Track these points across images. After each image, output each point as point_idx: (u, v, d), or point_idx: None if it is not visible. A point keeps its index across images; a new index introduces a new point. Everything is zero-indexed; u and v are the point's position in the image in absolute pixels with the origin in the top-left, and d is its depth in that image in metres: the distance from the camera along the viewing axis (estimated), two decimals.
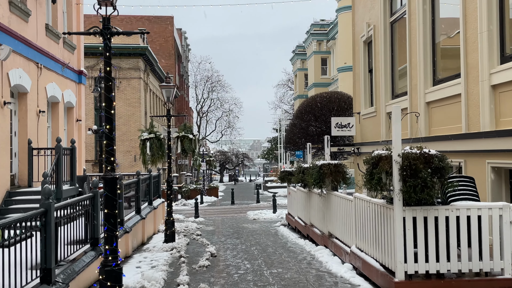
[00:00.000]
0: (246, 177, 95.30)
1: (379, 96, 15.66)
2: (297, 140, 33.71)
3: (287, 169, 17.61)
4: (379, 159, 7.04)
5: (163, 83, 12.88)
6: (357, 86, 18.24)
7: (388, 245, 7.15)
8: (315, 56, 51.22)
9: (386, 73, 15.13)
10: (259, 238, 14.37)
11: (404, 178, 6.64)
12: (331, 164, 10.70)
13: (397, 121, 6.97)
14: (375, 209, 7.71)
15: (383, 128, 15.22)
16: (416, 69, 12.68)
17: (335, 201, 10.51)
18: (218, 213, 24.88)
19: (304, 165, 13.25)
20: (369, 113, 16.70)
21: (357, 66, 18.23)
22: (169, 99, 12.81)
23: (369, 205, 7.99)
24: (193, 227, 17.98)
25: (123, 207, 11.60)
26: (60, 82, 16.41)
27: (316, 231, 12.30)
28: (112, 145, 5.70)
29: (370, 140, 16.58)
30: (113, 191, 5.72)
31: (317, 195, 12.26)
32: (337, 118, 17.72)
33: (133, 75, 32.77)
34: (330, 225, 10.97)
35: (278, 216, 20.94)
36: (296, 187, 15.81)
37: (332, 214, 10.72)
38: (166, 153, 13.08)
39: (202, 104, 71.54)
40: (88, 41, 32.48)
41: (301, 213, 14.88)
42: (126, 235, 11.51)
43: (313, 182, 11.01)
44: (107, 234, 5.72)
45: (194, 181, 51.26)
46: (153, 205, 16.59)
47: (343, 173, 10.75)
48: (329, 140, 11.61)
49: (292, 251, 11.71)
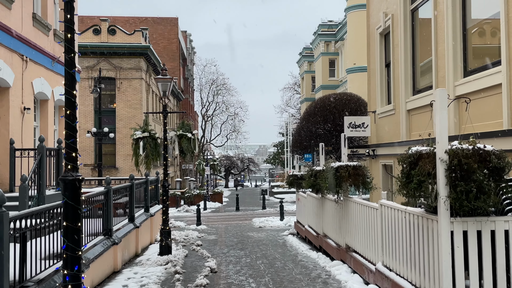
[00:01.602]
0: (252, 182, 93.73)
1: (398, 92, 14.20)
2: (304, 144, 32.36)
3: (295, 173, 16.15)
4: (418, 157, 5.59)
5: (159, 76, 11.51)
6: (372, 82, 16.79)
7: (429, 266, 5.68)
8: (323, 57, 49.80)
9: (407, 66, 13.67)
10: (265, 250, 12.91)
11: (452, 181, 5.19)
12: (350, 166, 9.25)
13: (443, 108, 5.52)
14: (410, 220, 6.25)
15: (403, 127, 13.73)
16: (443, 60, 11.22)
17: (354, 209, 9.05)
18: (221, 220, 23.42)
19: (317, 168, 11.80)
20: (386, 111, 15.23)
21: (372, 61, 16.78)
22: (166, 93, 11.43)
23: (402, 215, 6.52)
24: (194, 236, 16.56)
25: (112, 215, 10.20)
26: (49, 78, 15.09)
27: (331, 242, 10.83)
28: (74, 137, 4.30)
29: (387, 141, 15.09)
30: (75, 197, 4.32)
31: (332, 202, 10.80)
32: (350, 118, 16.25)
33: (134, 75, 31.48)
34: (348, 236, 9.49)
35: (286, 224, 19.46)
36: (307, 192, 14.36)
37: (351, 224, 9.25)
38: (162, 154, 11.65)
39: (207, 107, 70.25)
40: (88, 40, 31.34)
41: (312, 221, 13.41)
42: (114, 248, 10.10)
43: (328, 187, 9.56)
44: (66, 255, 4.32)
45: (198, 186, 49.84)
46: (150, 212, 15.18)
47: (363, 176, 9.29)
48: (346, 138, 10.15)
49: (303, 266, 10.23)
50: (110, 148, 30.94)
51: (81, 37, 31.15)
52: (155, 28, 52.88)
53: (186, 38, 66.54)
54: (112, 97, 31.66)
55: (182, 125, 11.72)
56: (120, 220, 11.89)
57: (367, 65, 17.56)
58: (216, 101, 69.98)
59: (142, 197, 15.28)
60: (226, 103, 69.97)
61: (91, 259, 8.41)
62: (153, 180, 17.02)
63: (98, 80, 25.36)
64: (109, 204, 10.13)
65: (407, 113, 13.65)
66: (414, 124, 13.35)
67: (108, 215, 10.14)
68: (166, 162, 11.44)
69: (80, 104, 31.00)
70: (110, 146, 30.79)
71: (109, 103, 31.69)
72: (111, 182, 10.39)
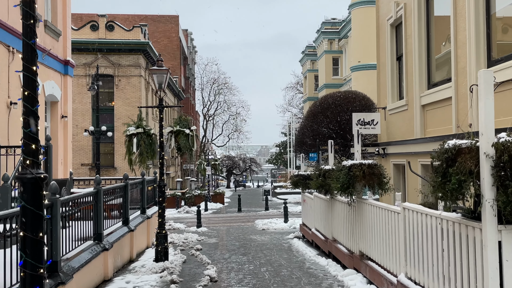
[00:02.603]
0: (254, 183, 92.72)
1: (411, 86, 13.27)
2: (308, 143, 31.43)
3: (301, 173, 15.22)
4: (457, 152, 4.66)
5: (154, 67, 10.59)
6: (382, 77, 15.85)
7: (469, 282, 4.77)
8: (326, 55, 48.85)
9: (421, 58, 12.74)
10: (270, 255, 11.98)
11: (502, 180, 4.26)
12: (364, 165, 8.32)
13: (488, 93, 4.59)
14: (444, 227, 5.32)
15: (417, 124, 12.80)
16: (464, 49, 10.30)
17: (370, 212, 8.13)
18: (223, 222, 22.51)
19: (326, 167, 10.88)
20: (397, 107, 14.30)
21: (382, 54, 15.85)
22: (161, 86, 10.51)
23: (433, 220, 5.59)
24: (194, 239, 15.66)
25: (102, 218, 9.28)
26: (39, 71, 14.08)
27: (342, 248, 9.91)
28: (34, 125, 3.40)
29: (399, 139, 14.16)
30: (35, 200, 3.42)
31: (343, 204, 9.88)
32: (359, 114, 15.31)
33: (133, 72, 30.60)
34: (362, 242, 8.57)
35: (290, 226, 18.53)
36: (314, 193, 13.44)
37: (366, 228, 8.33)
38: (158, 151, 10.73)
39: (209, 107, 69.33)
40: (85, 37, 30.46)
41: (320, 224, 12.49)
42: (105, 254, 9.19)
43: (340, 187, 8.63)
44: (24, 273, 3.41)
45: (199, 186, 48.94)
46: (147, 214, 14.27)
47: (379, 176, 8.36)
48: (359, 134, 9.22)
49: (312, 275, 9.30)
50: (108, 148, 30.06)
51: (78, 33, 30.30)
52: (155, 26, 52.03)
53: (187, 36, 65.67)
54: (110, 95, 30.79)
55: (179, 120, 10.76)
56: (113, 223, 10.99)
57: (376, 59, 16.63)
58: (217, 100, 69.10)
59: (138, 198, 14.39)
60: (228, 102, 69.09)
61: (75, 268, 7.50)
62: (151, 180, 16.11)
63: (95, 77, 24.45)
64: (99, 206, 9.22)
65: (422, 109, 12.72)
66: (430, 120, 12.42)
67: (98, 219, 9.23)
68: (162, 160, 10.52)
69: (78, 102, 30.11)
70: (108, 145, 29.91)
71: (107, 101, 30.81)
72: (101, 182, 9.46)
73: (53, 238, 6.77)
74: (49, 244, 6.71)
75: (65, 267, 7.19)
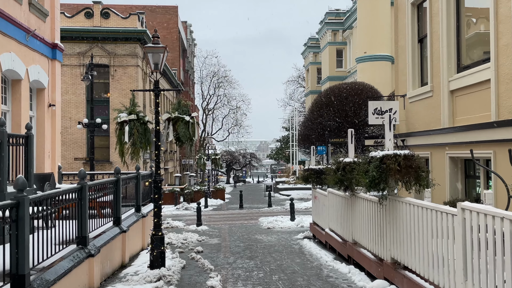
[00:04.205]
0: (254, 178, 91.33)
1: (437, 70, 11.88)
2: (312, 137, 30.08)
3: (312, 167, 13.84)
4: None
5: (149, 45, 9.17)
6: (401, 62, 14.45)
7: None
8: (330, 47, 47.38)
9: (450, 38, 11.34)
10: (280, 259, 10.61)
11: None
12: (400, 156, 6.95)
13: None
14: None
15: (445, 112, 11.42)
16: (507, 24, 8.91)
17: (408, 213, 6.75)
18: (224, 220, 21.15)
19: (345, 159, 9.50)
20: (420, 94, 12.92)
21: (401, 37, 14.44)
22: (158, 66, 9.11)
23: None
24: (194, 240, 14.30)
25: (87, 219, 7.89)
26: (23, 54, 12.77)
27: (366, 253, 8.54)
28: None
29: (421, 129, 12.79)
30: None
31: (369, 202, 8.51)
32: (376, 102, 13.90)
33: (129, 62, 29.12)
34: (396, 248, 7.19)
35: (298, 225, 17.16)
36: (328, 189, 12.06)
37: (402, 232, 6.96)
38: (154, 141, 9.31)
39: (208, 101, 67.89)
40: (79, 25, 28.98)
41: (336, 224, 11.12)
42: (90, 260, 7.81)
43: (369, 183, 7.25)
44: None
45: (199, 182, 47.57)
46: (142, 212, 12.91)
47: (417, 169, 6.98)
48: (392, 119, 7.81)
49: (334, 286, 7.93)
50: (103, 141, 28.62)
51: (72, 21, 28.82)
52: (153, 17, 50.50)
53: (186, 28, 64.07)
54: (105, 86, 29.32)
55: (179, 106, 9.32)
56: (102, 223, 9.60)
57: (394, 42, 15.21)
58: (217, 94, 67.68)
59: (133, 195, 13.02)
60: (228, 96, 67.65)
61: (51, 281, 6.13)
62: (147, 175, 14.74)
63: (90, 67, 22.99)
64: (83, 205, 7.84)
65: (450, 95, 11.34)
66: (460, 107, 11.03)
67: (83, 219, 7.84)
68: (158, 152, 9.13)
69: (71, 93, 28.68)
70: (103, 139, 28.47)
71: (102, 92, 29.36)
72: (86, 176, 8.07)
73: (19, 246, 5.39)
74: (13, 254, 5.34)
75: (36, 281, 5.81)
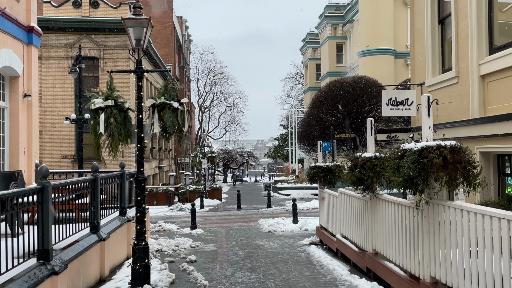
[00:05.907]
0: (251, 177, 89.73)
1: (465, 53, 10.36)
2: (314, 133, 28.60)
3: (319, 164, 12.33)
4: None
5: (129, 16, 7.63)
6: (418, 46, 12.94)
7: None
8: (330, 42, 45.85)
9: (481, 14, 9.83)
10: (286, 271, 9.08)
11: None
12: (445, 148, 5.44)
13: None
14: None
15: (475, 100, 9.91)
16: None
17: (459, 222, 5.23)
18: (221, 222, 19.60)
19: (365, 155, 7.99)
20: (442, 81, 11.40)
21: (418, 18, 12.93)
22: (140, 42, 7.57)
23: None
24: (187, 246, 12.76)
25: (49, 226, 6.33)
26: None
27: (394, 268, 7.02)
28: None
29: (444, 121, 11.26)
30: None
31: (396, 206, 6.99)
32: (390, 92, 12.40)
33: (120, 55, 27.50)
34: (441, 267, 5.67)
35: (301, 228, 15.64)
36: (339, 190, 10.55)
37: (450, 247, 5.44)
38: (136, 132, 7.74)
39: (205, 98, 66.24)
40: (67, 15, 27.39)
41: (350, 230, 9.59)
42: (53, 279, 6.25)
43: (404, 182, 5.74)
44: None
45: (195, 181, 45.97)
46: (127, 216, 11.37)
47: (466, 164, 5.47)
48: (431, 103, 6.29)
49: None
50: None
51: (59, 11, 27.20)
52: (147, 10, 48.71)
53: (181, 24, 62.40)
54: (95, 80, 27.69)
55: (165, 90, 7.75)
56: (76, 229, 8.03)
57: (410, 25, 13.71)
58: (213, 91, 66.00)
59: (117, 196, 11.48)
60: (225, 93, 66.00)
61: None
62: (134, 174, 13.17)
63: (77, 59, 21.40)
64: (44, 209, 6.28)
65: (481, 80, 9.83)
66: (493, 94, 9.52)
67: (44, 227, 6.29)
68: (141, 145, 7.59)
69: (58, 88, 27.05)
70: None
71: (92, 86, 27.71)
72: (49, 175, 6.49)
73: None
74: None
75: None
